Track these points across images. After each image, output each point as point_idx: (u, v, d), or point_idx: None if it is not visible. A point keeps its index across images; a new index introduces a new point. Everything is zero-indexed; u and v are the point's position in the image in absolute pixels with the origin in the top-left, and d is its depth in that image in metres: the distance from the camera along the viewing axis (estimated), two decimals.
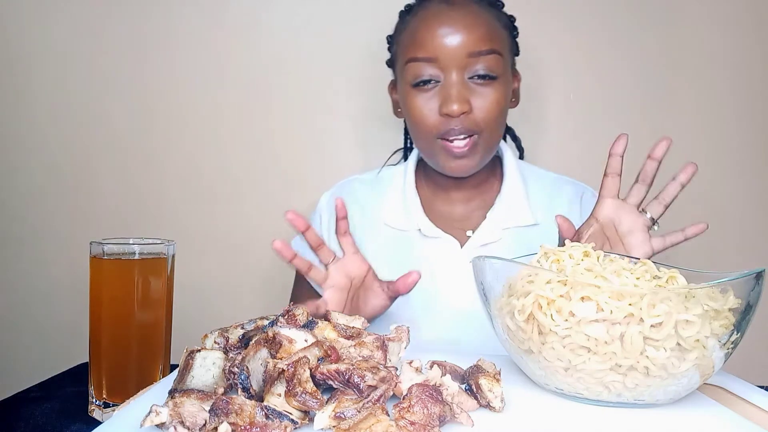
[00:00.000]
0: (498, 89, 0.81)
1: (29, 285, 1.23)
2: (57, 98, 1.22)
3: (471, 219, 0.91)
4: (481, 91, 0.80)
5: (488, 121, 0.81)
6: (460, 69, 0.79)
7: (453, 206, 0.92)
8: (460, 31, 0.79)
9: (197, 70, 1.21)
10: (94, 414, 0.64)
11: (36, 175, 1.22)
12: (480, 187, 0.92)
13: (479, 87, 0.80)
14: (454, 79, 0.79)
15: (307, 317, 0.54)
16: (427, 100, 0.81)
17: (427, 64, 0.80)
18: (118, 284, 0.65)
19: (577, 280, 0.49)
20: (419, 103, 0.82)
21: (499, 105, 0.81)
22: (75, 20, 1.21)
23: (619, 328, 0.47)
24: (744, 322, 0.50)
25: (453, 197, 0.92)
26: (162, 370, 0.67)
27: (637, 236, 0.70)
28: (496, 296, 0.56)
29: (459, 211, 0.92)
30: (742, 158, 1.20)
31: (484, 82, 0.80)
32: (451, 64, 0.79)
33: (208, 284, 1.21)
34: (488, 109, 0.80)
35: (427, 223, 0.89)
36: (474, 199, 0.92)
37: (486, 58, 0.79)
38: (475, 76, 0.80)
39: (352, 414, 0.41)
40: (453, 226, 0.90)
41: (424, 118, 0.81)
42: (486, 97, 0.80)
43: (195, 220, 1.22)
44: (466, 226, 0.91)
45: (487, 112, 0.80)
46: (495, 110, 0.81)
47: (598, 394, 0.50)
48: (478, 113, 0.80)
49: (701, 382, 0.51)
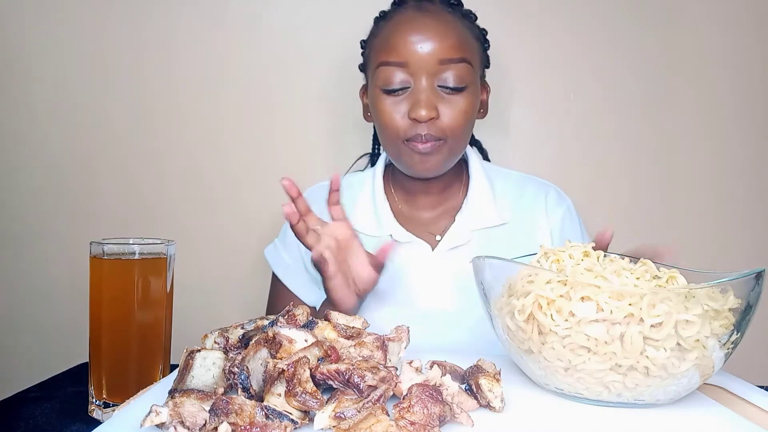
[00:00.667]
0: (466, 98, 0.82)
1: (29, 285, 1.23)
2: (57, 98, 1.22)
3: (439, 223, 0.92)
4: (450, 99, 0.81)
5: (454, 129, 0.82)
6: (430, 75, 0.80)
7: (421, 211, 0.93)
8: (431, 37, 0.80)
9: (197, 70, 1.21)
10: (94, 414, 0.64)
11: (36, 175, 1.22)
12: (446, 192, 0.93)
13: (448, 95, 0.81)
14: (424, 84, 0.80)
15: (307, 317, 0.54)
16: (396, 104, 0.82)
17: (398, 68, 0.81)
18: (118, 284, 0.65)
19: (577, 280, 0.49)
20: (388, 107, 0.82)
21: (466, 114, 0.82)
22: (75, 20, 1.21)
23: (619, 328, 0.47)
24: (744, 322, 0.50)
25: (420, 202, 0.93)
26: (162, 370, 0.67)
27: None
28: (496, 296, 0.56)
29: (427, 216, 0.93)
30: (742, 158, 1.20)
31: (452, 91, 0.81)
32: (421, 70, 0.80)
33: (208, 284, 1.21)
34: (455, 117, 0.81)
35: (398, 229, 0.90)
36: (441, 204, 0.93)
37: (456, 66, 0.80)
38: (445, 86, 0.81)
39: (352, 414, 0.41)
40: (422, 231, 0.91)
41: (392, 121, 0.82)
42: (454, 105, 0.81)
43: (195, 220, 1.22)
44: (435, 231, 0.91)
45: (453, 120, 0.81)
46: (462, 119, 0.82)
47: (598, 394, 0.50)
48: (445, 120, 0.81)
49: (701, 382, 0.51)
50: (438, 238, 0.90)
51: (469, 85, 0.82)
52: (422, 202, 0.93)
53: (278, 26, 1.21)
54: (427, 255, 0.89)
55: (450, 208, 0.93)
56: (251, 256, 1.21)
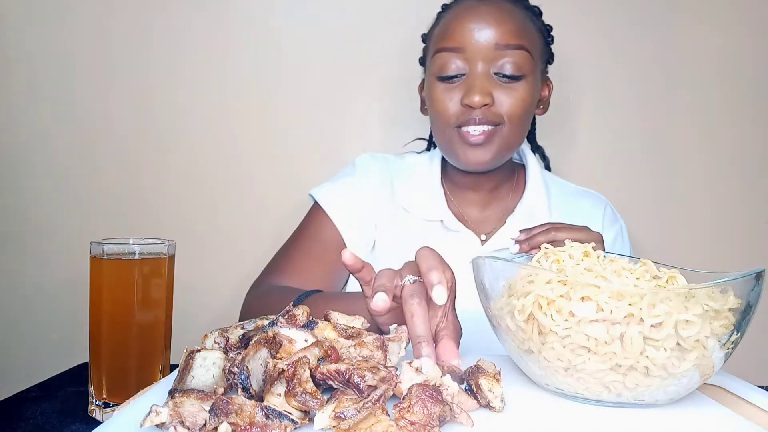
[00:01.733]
0: (524, 88, 0.80)
1: (29, 285, 1.23)
2: (57, 98, 1.22)
3: (486, 224, 0.90)
4: (507, 87, 0.80)
5: (510, 115, 0.80)
6: (486, 61, 0.79)
7: (470, 209, 0.92)
8: (488, 23, 0.79)
9: (199, 70, 1.21)
10: (94, 414, 0.64)
11: (36, 175, 1.22)
12: (495, 192, 0.91)
13: (505, 83, 0.80)
14: (479, 70, 0.79)
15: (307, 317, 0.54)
16: (450, 90, 0.81)
17: (454, 54, 0.80)
18: (118, 284, 0.65)
19: (577, 280, 0.49)
20: (442, 94, 0.82)
21: (523, 102, 0.80)
22: (76, 20, 1.21)
23: (619, 328, 0.47)
24: (744, 322, 0.50)
25: (469, 198, 0.91)
26: (162, 370, 0.67)
27: None
28: (496, 296, 0.56)
29: (475, 215, 0.92)
30: (742, 158, 1.20)
31: (510, 78, 0.79)
32: (477, 56, 0.79)
33: (208, 284, 1.21)
34: (511, 104, 0.79)
35: (450, 216, 0.88)
36: (490, 205, 0.91)
37: (514, 53, 0.79)
38: (501, 73, 0.79)
39: (352, 414, 0.41)
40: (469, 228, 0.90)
41: (445, 109, 0.81)
42: (510, 93, 0.79)
43: (195, 220, 1.22)
44: (481, 230, 0.90)
45: (509, 107, 0.79)
46: (519, 106, 0.80)
47: (598, 394, 0.50)
48: (500, 107, 0.79)
49: (701, 382, 0.51)
50: (483, 237, 0.88)
51: (527, 74, 0.80)
52: (471, 199, 0.91)
53: (282, 26, 1.21)
54: (476, 248, 0.87)
55: (499, 210, 0.91)
56: (251, 256, 1.21)
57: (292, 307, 0.54)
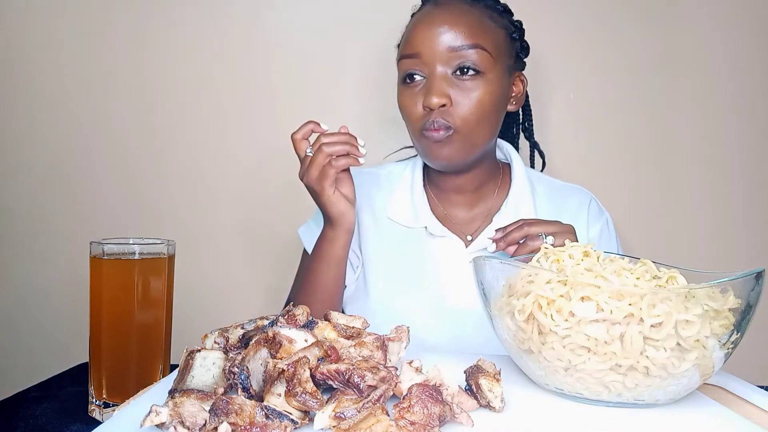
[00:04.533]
0: (482, 86, 0.81)
1: (29, 285, 1.23)
2: (57, 98, 1.22)
3: (473, 224, 0.92)
4: (464, 87, 0.81)
5: (466, 117, 0.81)
6: (443, 64, 0.81)
7: (455, 210, 0.93)
8: (442, 27, 0.81)
9: (198, 69, 1.21)
10: (94, 414, 0.64)
11: (36, 175, 1.22)
12: (479, 192, 0.92)
13: (463, 82, 0.81)
14: (437, 73, 0.81)
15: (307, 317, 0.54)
16: (414, 95, 0.83)
17: (413, 60, 0.83)
18: (118, 284, 0.65)
19: (577, 280, 0.49)
20: (407, 99, 0.84)
21: (480, 102, 0.81)
22: (75, 20, 1.21)
23: (619, 328, 0.47)
24: (744, 322, 0.50)
25: (453, 200, 0.93)
26: (162, 370, 0.67)
27: None
28: (496, 296, 0.56)
29: (461, 215, 0.93)
30: (742, 158, 1.20)
31: (468, 78, 0.81)
32: (434, 60, 0.81)
33: (208, 284, 1.21)
34: (467, 105, 0.81)
35: (434, 222, 0.90)
36: (475, 205, 0.93)
37: (468, 53, 0.81)
38: (458, 70, 0.81)
39: (352, 414, 0.41)
40: (456, 230, 0.91)
41: (411, 113, 0.84)
42: (468, 93, 0.81)
43: (195, 220, 1.22)
44: (468, 231, 0.91)
45: (465, 108, 0.81)
46: (475, 107, 0.81)
47: (598, 394, 0.50)
48: (458, 108, 0.81)
49: (701, 382, 0.51)
50: (469, 238, 0.90)
51: (486, 72, 0.81)
52: (456, 201, 0.92)
53: (281, 26, 1.21)
54: (461, 251, 0.88)
55: (485, 209, 0.92)
56: (251, 256, 1.21)
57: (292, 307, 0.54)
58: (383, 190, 0.95)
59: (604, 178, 1.20)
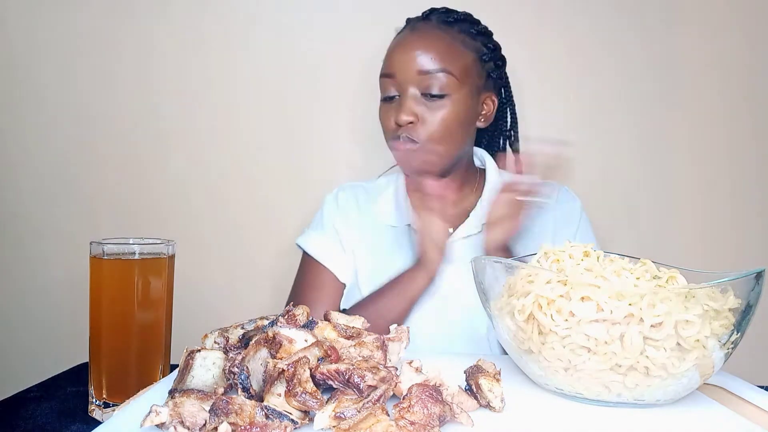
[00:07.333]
0: (446, 107, 0.89)
1: (29, 285, 1.23)
2: (58, 98, 1.22)
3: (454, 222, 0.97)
4: (432, 106, 0.89)
5: (431, 134, 0.89)
6: (414, 84, 0.89)
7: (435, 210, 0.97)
8: (413, 51, 0.90)
9: (199, 70, 1.21)
10: (94, 414, 0.64)
11: (36, 175, 1.22)
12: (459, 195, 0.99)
13: (431, 102, 0.89)
14: (408, 93, 0.90)
15: (307, 317, 0.54)
16: (389, 110, 0.92)
17: (389, 79, 0.92)
18: (118, 284, 0.65)
19: (577, 280, 0.49)
20: (384, 114, 0.93)
21: (444, 121, 0.89)
22: (77, 20, 1.21)
23: (619, 328, 0.47)
24: (744, 322, 0.50)
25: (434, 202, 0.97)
26: (162, 370, 0.67)
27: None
28: (496, 296, 0.56)
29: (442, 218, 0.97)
30: (741, 158, 1.20)
31: (434, 99, 0.89)
32: (406, 80, 0.90)
33: (208, 284, 1.21)
34: (433, 123, 0.89)
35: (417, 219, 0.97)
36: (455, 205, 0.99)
37: (435, 77, 0.88)
38: (428, 94, 0.89)
39: (352, 414, 0.41)
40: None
41: (386, 126, 0.93)
42: (434, 113, 0.89)
43: (195, 220, 1.22)
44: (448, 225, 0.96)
45: (431, 126, 0.89)
46: (440, 125, 0.89)
47: (598, 394, 0.50)
48: (424, 125, 0.89)
49: (701, 382, 0.51)
50: (451, 231, 0.96)
51: (451, 93, 0.89)
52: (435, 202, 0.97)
53: (283, 28, 1.21)
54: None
55: (462, 210, 0.99)
56: (252, 256, 1.21)
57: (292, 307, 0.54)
58: (371, 196, 1.03)
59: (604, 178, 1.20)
